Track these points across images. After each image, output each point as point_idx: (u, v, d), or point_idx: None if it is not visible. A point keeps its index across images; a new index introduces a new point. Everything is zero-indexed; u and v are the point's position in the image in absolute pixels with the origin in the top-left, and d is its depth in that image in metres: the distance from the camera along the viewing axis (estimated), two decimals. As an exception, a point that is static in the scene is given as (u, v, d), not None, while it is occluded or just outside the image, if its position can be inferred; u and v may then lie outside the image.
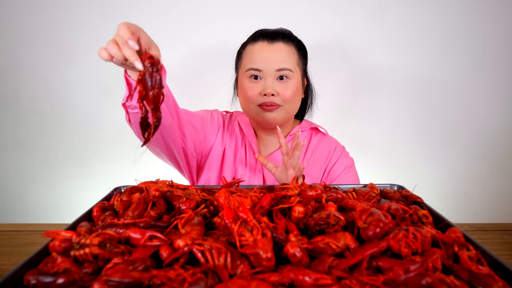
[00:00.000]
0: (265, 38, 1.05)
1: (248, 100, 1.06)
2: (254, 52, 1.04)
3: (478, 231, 0.89)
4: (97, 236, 0.49)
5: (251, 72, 1.04)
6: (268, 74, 1.02)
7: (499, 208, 1.76)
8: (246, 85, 1.05)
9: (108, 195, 0.76)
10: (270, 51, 1.03)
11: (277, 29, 1.08)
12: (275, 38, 1.05)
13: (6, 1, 1.58)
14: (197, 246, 0.47)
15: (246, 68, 1.05)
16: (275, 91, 1.02)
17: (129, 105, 0.86)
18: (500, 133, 1.70)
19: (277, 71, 1.02)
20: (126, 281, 0.41)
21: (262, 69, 1.02)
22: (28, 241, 0.85)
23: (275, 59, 1.02)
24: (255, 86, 1.04)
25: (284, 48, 1.04)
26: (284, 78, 1.04)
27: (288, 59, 1.04)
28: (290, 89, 1.04)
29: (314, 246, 0.51)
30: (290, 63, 1.04)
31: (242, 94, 1.08)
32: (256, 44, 1.06)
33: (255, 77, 1.04)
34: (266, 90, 1.02)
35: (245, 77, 1.05)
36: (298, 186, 0.64)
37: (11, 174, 1.74)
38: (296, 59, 1.07)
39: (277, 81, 1.04)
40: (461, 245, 0.51)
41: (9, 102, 1.67)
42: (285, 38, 1.06)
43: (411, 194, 0.75)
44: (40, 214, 1.77)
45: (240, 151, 1.15)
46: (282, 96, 1.03)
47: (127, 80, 0.83)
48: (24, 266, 0.46)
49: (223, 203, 0.58)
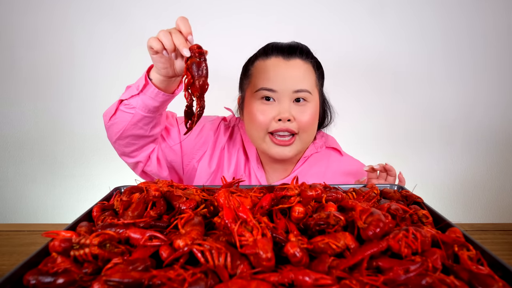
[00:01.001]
0: (279, 53, 0.92)
1: (258, 125, 0.91)
2: (267, 69, 0.91)
3: (478, 231, 0.89)
4: (97, 236, 0.49)
5: (264, 92, 0.90)
6: (284, 96, 0.89)
7: (499, 208, 1.76)
8: (256, 107, 0.91)
9: (108, 195, 0.76)
10: (286, 69, 0.90)
11: (292, 43, 0.95)
12: (292, 53, 0.92)
13: (5, 1, 1.58)
14: (197, 246, 0.47)
15: (257, 88, 0.91)
16: (291, 116, 0.89)
17: (128, 103, 0.85)
18: (500, 133, 1.70)
19: (294, 93, 0.89)
20: (126, 281, 0.41)
21: (277, 90, 0.89)
22: (28, 241, 0.84)
23: (292, 78, 0.89)
24: (268, 109, 0.90)
25: (302, 66, 0.92)
26: (302, 101, 0.91)
27: (306, 78, 0.91)
28: (308, 113, 0.91)
29: (314, 246, 0.51)
30: (309, 84, 0.91)
31: (250, 118, 0.93)
32: (269, 59, 0.92)
33: (267, 98, 0.90)
34: (282, 114, 0.88)
35: (255, 98, 0.92)
36: (298, 186, 0.64)
37: (11, 174, 1.74)
38: (315, 79, 0.94)
39: (293, 104, 0.90)
40: (461, 245, 0.51)
41: (9, 102, 1.67)
42: (303, 54, 0.93)
43: (411, 194, 0.75)
44: (40, 214, 1.77)
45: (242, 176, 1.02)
46: (299, 121, 0.90)
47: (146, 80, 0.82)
48: (24, 266, 0.46)
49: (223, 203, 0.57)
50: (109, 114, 0.88)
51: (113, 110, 0.87)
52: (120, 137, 0.89)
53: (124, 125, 0.87)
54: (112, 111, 0.87)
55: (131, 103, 0.84)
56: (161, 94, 0.82)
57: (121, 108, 0.86)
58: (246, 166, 1.03)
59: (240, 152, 1.05)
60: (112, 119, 0.88)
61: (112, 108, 0.88)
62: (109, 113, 0.88)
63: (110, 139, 0.93)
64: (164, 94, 0.82)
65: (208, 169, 1.02)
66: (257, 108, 0.91)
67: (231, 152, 1.05)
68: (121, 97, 0.86)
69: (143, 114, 0.85)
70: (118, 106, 0.86)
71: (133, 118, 0.85)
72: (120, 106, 0.86)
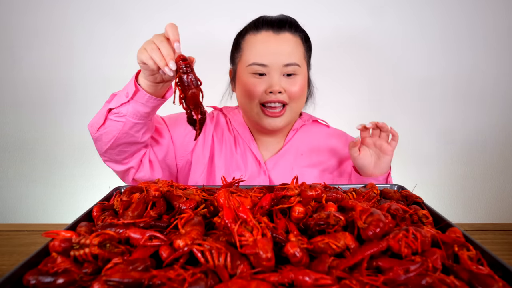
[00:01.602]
0: (269, 27, 0.95)
1: (250, 97, 0.96)
2: (258, 43, 0.94)
3: (478, 231, 0.89)
4: (97, 236, 0.49)
5: (255, 68, 0.94)
6: (275, 70, 0.93)
7: (499, 208, 1.76)
8: (249, 81, 0.95)
9: (108, 195, 0.76)
10: (276, 43, 0.93)
11: (281, 17, 0.98)
12: (281, 27, 0.95)
13: (5, 2, 1.58)
14: (197, 246, 0.47)
15: (249, 63, 0.94)
16: (282, 88, 0.94)
17: (117, 111, 0.83)
18: (500, 133, 1.70)
19: (284, 67, 0.93)
20: (126, 281, 0.41)
21: (268, 64, 0.93)
22: (28, 241, 0.84)
23: (282, 53, 0.93)
24: (260, 82, 0.94)
25: (291, 40, 0.95)
26: (292, 75, 0.95)
27: (296, 52, 0.95)
28: (297, 85, 0.95)
29: (314, 246, 0.51)
30: (298, 57, 0.95)
31: (243, 90, 0.97)
32: (259, 34, 0.95)
33: (259, 73, 0.95)
34: (273, 87, 0.93)
35: (247, 72, 0.95)
36: (298, 186, 0.64)
37: (11, 174, 1.74)
38: (303, 52, 0.98)
39: (283, 77, 0.95)
40: (461, 245, 0.51)
41: (9, 102, 1.67)
42: (292, 28, 0.96)
43: (411, 194, 0.75)
44: (40, 214, 1.77)
45: (235, 156, 1.05)
46: (289, 93, 0.95)
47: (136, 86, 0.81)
48: (24, 266, 0.46)
49: (223, 203, 0.57)
50: (97, 125, 0.86)
51: (101, 120, 0.85)
52: (112, 146, 0.88)
53: (115, 134, 0.85)
54: (100, 121, 0.85)
55: (121, 111, 0.83)
56: (152, 99, 0.81)
57: (110, 117, 0.84)
58: (236, 144, 1.07)
59: (226, 132, 1.08)
60: (100, 129, 0.86)
61: (99, 118, 0.86)
62: (97, 123, 0.86)
63: (100, 149, 0.91)
64: (156, 99, 0.82)
65: (202, 157, 1.04)
66: (250, 82, 0.95)
67: (219, 136, 1.07)
68: (109, 106, 0.84)
69: (134, 121, 0.84)
70: (107, 115, 0.84)
71: (124, 127, 0.84)
72: (109, 115, 0.84)
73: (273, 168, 1.04)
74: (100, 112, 0.87)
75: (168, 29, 0.73)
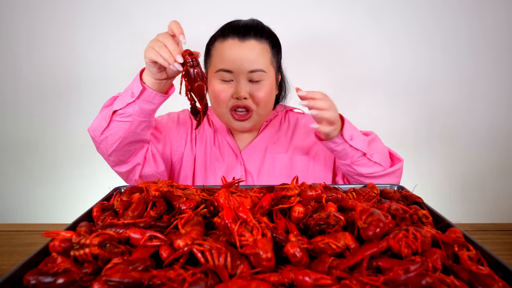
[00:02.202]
0: (235, 34, 0.97)
1: (219, 102, 1.00)
2: (224, 51, 0.97)
3: (478, 231, 0.89)
4: (97, 236, 0.49)
5: (222, 74, 0.97)
6: (240, 76, 0.96)
7: (499, 208, 1.76)
8: (216, 87, 0.99)
9: (108, 195, 0.76)
10: (241, 51, 0.96)
11: (248, 22, 1.00)
12: (246, 34, 0.97)
13: (5, 2, 1.58)
14: (197, 246, 0.47)
15: (216, 69, 0.98)
16: (247, 94, 0.97)
17: (123, 112, 0.86)
18: (500, 133, 1.70)
19: (249, 73, 0.96)
20: (126, 281, 0.41)
21: (233, 71, 0.96)
22: (28, 241, 0.85)
23: (247, 60, 0.96)
24: (227, 88, 0.98)
25: (256, 47, 0.97)
26: (258, 81, 0.98)
27: (261, 59, 0.97)
28: (263, 91, 0.98)
29: (314, 246, 0.51)
30: (263, 63, 0.97)
31: (213, 95, 1.01)
32: (225, 41, 0.98)
33: (225, 79, 0.98)
34: (239, 93, 0.96)
35: (216, 78, 0.99)
36: (298, 186, 0.64)
37: (11, 174, 1.74)
38: (270, 57, 1.00)
39: (249, 83, 0.98)
40: (461, 245, 0.51)
41: (9, 102, 1.67)
42: (257, 34, 0.98)
43: (411, 194, 0.75)
44: (40, 214, 1.77)
45: (213, 149, 1.11)
46: (254, 98, 0.98)
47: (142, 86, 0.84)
48: (24, 266, 0.46)
49: (223, 203, 0.57)
50: (100, 128, 0.89)
51: (105, 122, 0.88)
52: (118, 147, 0.91)
53: (121, 135, 0.88)
54: (104, 124, 0.88)
55: (127, 111, 0.86)
56: (158, 96, 0.86)
57: (115, 119, 0.87)
58: (215, 138, 1.13)
59: (206, 126, 1.15)
60: (105, 132, 0.89)
61: (101, 121, 0.89)
62: (100, 126, 0.89)
63: (105, 152, 0.93)
64: (161, 95, 0.86)
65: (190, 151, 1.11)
66: (218, 88, 1.00)
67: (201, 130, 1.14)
68: (114, 108, 0.86)
69: (140, 119, 0.88)
70: (112, 117, 0.87)
71: (131, 126, 0.87)
72: (114, 117, 0.87)
73: (248, 158, 1.10)
74: (101, 115, 0.90)
75: (172, 25, 0.78)
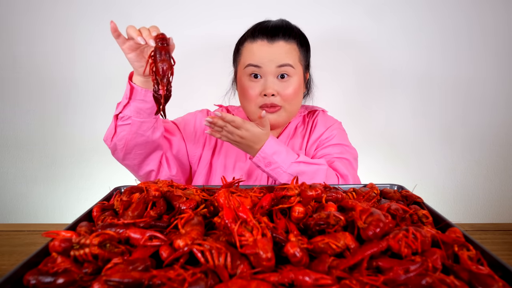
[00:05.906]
0: (264, 36, 1.01)
1: (249, 99, 1.03)
2: (253, 50, 1.01)
3: (478, 231, 0.89)
4: (97, 236, 0.49)
5: (251, 68, 1.01)
6: (268, 72, 1.00)
7: (499, 208, 1.76)
8: (246, 84, 1.03)
9: (108, 195, 0.76)
10: (270, 51, 1.00)
11: (277, 23, 1.04)
12: (275, 35, 1.01)
13: (5, 2, 1.58)
14: (197, 246, 0.47)
15: (245, 64, 1.02)
16: (275, 91, 1.00)
17: (122, 116, 0.89)
18: (500, 133, 1.70)
19: (277, 67, 0.99)
20: (126, 281, 0.41)
21: (262, 66, 0.99)
22: (28, 241, 0.84)
23: (275, 58, 0.99)
24: (255, 85, 1.01)
25: (284, 47, 1.01)
26: (285, 77, 1.01)
27: (289, 55, 1.01)
28: (291, 87, 1.01)
29: (314, 246, 0.51)
30: (292, 59, 1.01)
31: (242, 92, 1.05)
32: (255, 42, 1.02)
33: (255, 75, 1.01)
34: (267, 90, 0.99)
35: (245, 74, 1.03)
36: (298, 186, 0.64)
37: (11, 174, 1.74)
38: (298, 56, 1.04)
39: (277, 80, 1.01)
40: (461, 245, 0.51)
41: (9, 102, 1.67)
42: (286, 35, 1.02)
43: (411, 194, 0.75)
44: (40, 214, 1.77)
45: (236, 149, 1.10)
46: (282, 95, 1.01)
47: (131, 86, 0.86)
48: (24, 266, 0.46)
49: (223, 203, 0.57)
50: (110, 135, 0.93)
51: (113, 129, 0.92)
52: (126, 151, 0.94)
53: (126, 138, 0.91)
54: (112, 131, 0.92)
55: (125, 114, 0.89)
56: (149, 92, 0.87)
57: (118, 124, 0.91)
58: None
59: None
60: (114, 138, 0.92)
61: (111, 129, 0.93)
62: (110, 134, 0.93)
63: (119, 158, 0.97)
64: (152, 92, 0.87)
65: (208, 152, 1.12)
66: (247, 84, 1.03)
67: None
68: (115, 113, 0.91)
69: (139, 120, 0.90)
70: (116, 122, 0.91)
71: (132, 128, 0.90)
72: (118, 122, 0.91)
73: None
74: (111, 124, 0.94)
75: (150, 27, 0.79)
